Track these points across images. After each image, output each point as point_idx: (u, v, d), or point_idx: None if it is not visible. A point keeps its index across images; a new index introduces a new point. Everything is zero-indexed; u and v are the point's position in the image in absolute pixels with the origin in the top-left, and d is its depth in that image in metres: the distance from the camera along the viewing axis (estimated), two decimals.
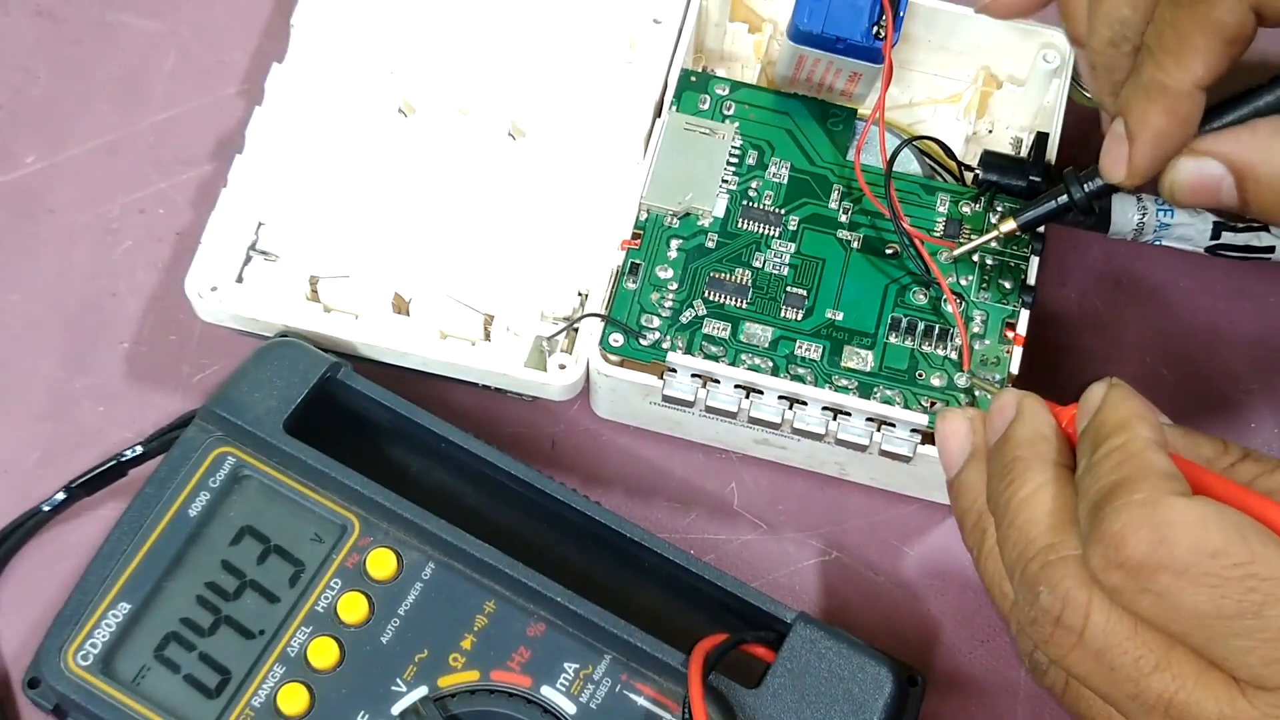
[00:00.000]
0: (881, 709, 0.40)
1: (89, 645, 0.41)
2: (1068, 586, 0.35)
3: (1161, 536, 0.33)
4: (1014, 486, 0.37)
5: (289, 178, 0.48)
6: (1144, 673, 0.34)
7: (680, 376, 0.44)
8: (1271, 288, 0.50)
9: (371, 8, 0.50)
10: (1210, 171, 0.40)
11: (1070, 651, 0.35)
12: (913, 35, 0.49)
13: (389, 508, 0.42)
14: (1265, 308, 0.50)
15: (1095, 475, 0.35)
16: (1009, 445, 0.38)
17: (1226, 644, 0.33)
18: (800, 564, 0.46)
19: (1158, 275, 0.50)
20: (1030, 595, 0.35)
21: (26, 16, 0.53)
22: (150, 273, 0.49)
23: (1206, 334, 0.49)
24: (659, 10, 0.49)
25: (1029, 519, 0.36)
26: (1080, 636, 0.35)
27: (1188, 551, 0.33)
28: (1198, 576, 0.33)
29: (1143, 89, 0.40)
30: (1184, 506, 0.34)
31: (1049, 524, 0.36)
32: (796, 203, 0.47)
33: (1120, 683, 0.35)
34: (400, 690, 0.41)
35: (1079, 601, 0.35)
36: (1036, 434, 0.38)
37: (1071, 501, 0.36)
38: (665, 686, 0.41)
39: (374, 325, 0.46)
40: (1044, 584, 0.35)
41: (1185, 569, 0.33)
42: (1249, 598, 0.33)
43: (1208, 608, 0.33)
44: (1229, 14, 0.38)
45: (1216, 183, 0.40)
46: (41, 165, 0.51)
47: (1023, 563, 0.36)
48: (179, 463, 0.43)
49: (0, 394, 0.48)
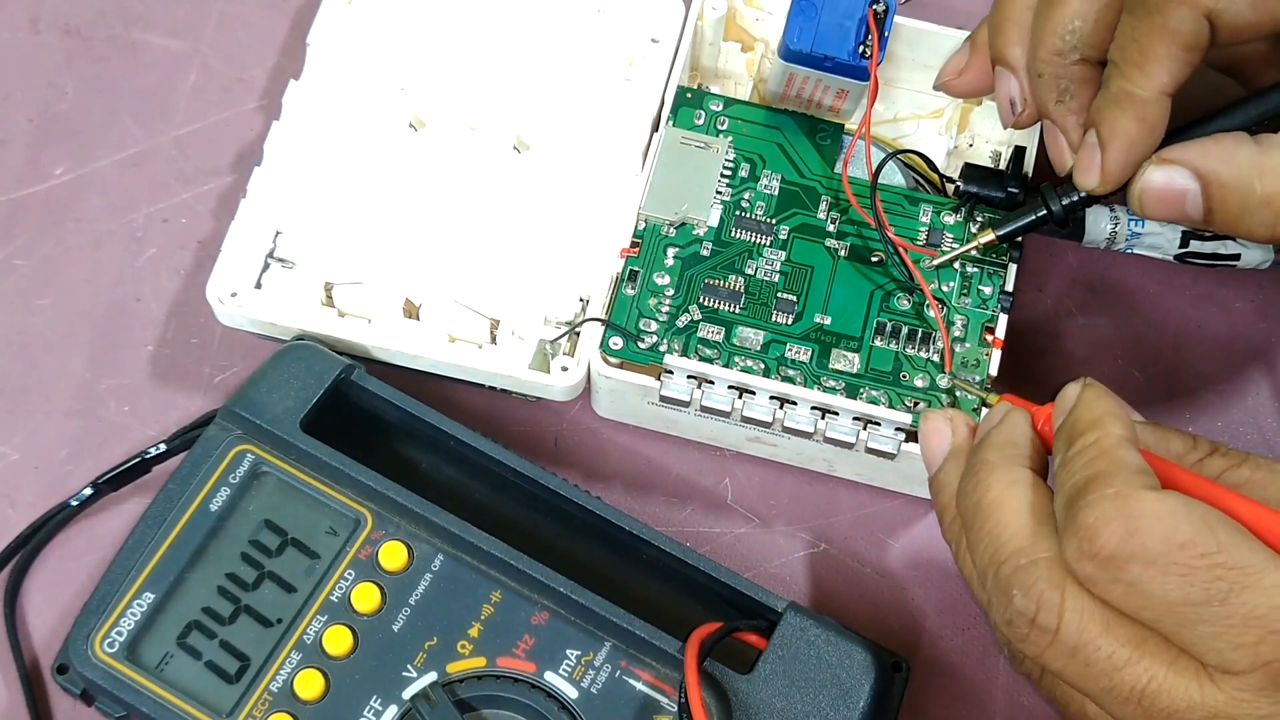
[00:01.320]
0: (867, 694, 0.40)
1: (115, 633, 0.41)
2: (1041, 589, 0.35)
3: (1133, 528, 0.33)
4: (981, 489, 0.37)
5: (305, 189, 0.48)
6: (1117, 667, 0.34)
7: (677, 378, 0.44)
8: (1237, 293, 0.50)
9: (384, 28, 0.50)
10: (1177, 180, 0.40)
11: (1046, 650, 0.35)
12: (897, 55, 0.49)
13: (400, 502, 0.42)
14: (1231, 312, 0.50)
15: (1070, 471, 0.35)
16: (979, 449, 0.38)
17: (1195, 630, 0.33)
18: (790, 556, 0.46)
19: (1129, 281, 0.50)
20: (1004, 598, 0.35)
21: (55, 35, 0.53)
22: (173, 279, 0.49)
23: (1175, 337, 0.49)
24: (657, 30, 0.49)
25: (998, 523, 0.36)
26: (1055, 636, 0.35)
27: (1158, 542, 0.33)
28: (1167, 566, 0.33)
29: (1112, 99, 0.40)
30: (1154, 500, 0.34)
31: (1018, 527, 0.36)
32: (787, 213, 0.47)
33: (1095, 677, 0.35)
34: (411, 676, 0.41)
35: (1052, 603, 0.35)
36: (1007, 439, 0.38)
37: (1039, 504, 0.36)
38: (663, 672, 0.41)
39: (386, 329, 0.46)
40: (1017, 587, 0.35)
41: (1155, 559, 0.33)
42: (1215, 586, 0.33)
43: (1177, 596, 0.33)
44: (1185, 23, 0.38)
45: (1182, 192, 0.40)
46: (70, 177, 0.51)
47: (995, 565, 0.36)
48: (201, 460, 0.43)
49: (31, 393, 0.48)
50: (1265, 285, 0.50)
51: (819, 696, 0.40)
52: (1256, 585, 0.33)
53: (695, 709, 0.38)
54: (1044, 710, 0.44)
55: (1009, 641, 0.37)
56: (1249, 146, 0.40)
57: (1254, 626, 0.33)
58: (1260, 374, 0.49)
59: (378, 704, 0.40)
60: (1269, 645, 0.33)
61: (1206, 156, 0.40)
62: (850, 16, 0.45)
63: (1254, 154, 0.40)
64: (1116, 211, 0.47)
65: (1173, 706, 0.34)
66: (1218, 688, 0.34)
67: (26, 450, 0.47)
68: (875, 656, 0.41)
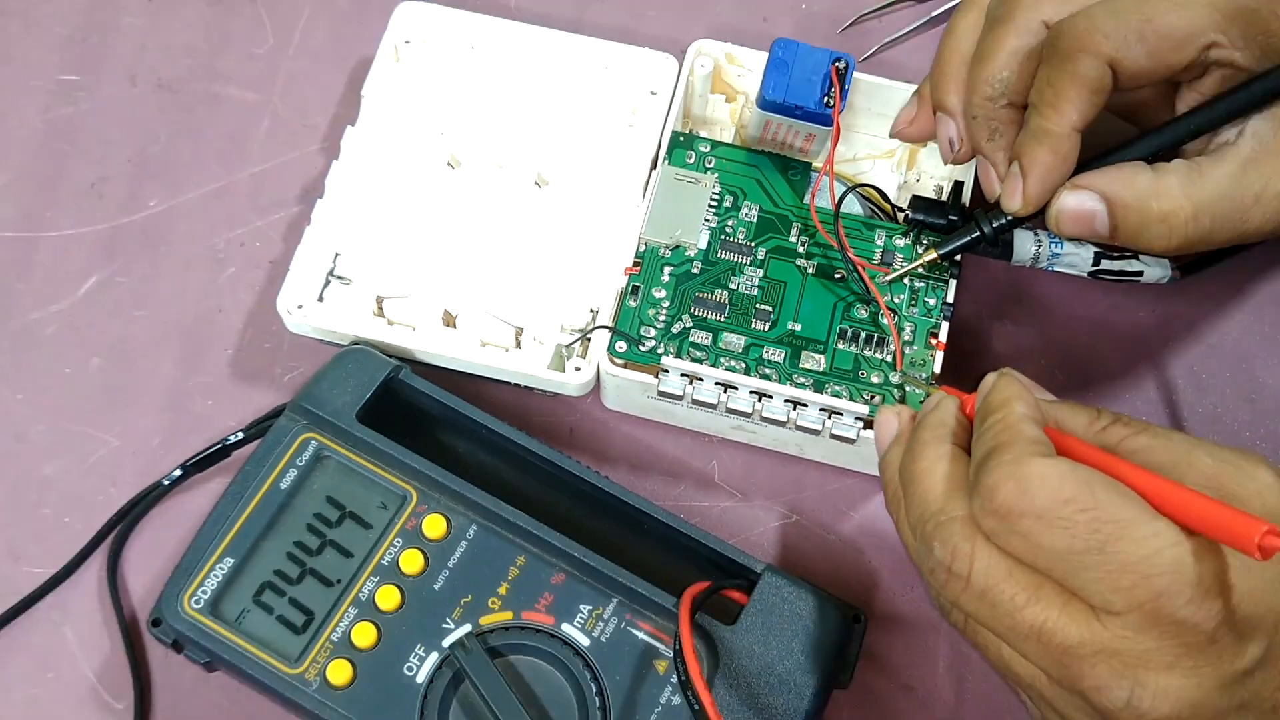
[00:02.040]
0: (832, 641, 0.40)
1: (200, 592, 0.41)
2: (955, 542, 0.34)
3: (1024, 488, 0.33)
4: (916, 462, 0.37)
5: (360, 217, 0.47)
6: (1019, 607, 0.34)
7: (672, 376, 0.44)
8: (1140, 304, 0.50)
9: (426, 82, 0.50)
10: (1086, 202, 0.40)
11: (961, 594, 0.35)
12: (856, 104, 0.48)
13: (441, 481, 0.42)
14: (1135, 320, 0.49)
15: (981, 443, 0.35)
16: (917, 430, 0.38)
17: (1080, 576, 0.33)
18: (767, 525, 0.46)
19: (1051, 294, 0.49)
20: (927, 549, 0.35)
21: (150, 89, 0.52)
22: (249, 293, 0.49)
23: (1089, 341, 0.49)
24: (654, 84, 0.49)
25: (926, 488, 0.36)
26: (967, 581, 0.34)
27: (1044, 499, 0.33)
28: (1053, 520, 0.33)
29: (1032, 135, 0.40)
30: (1043, 464, 0.33)
31: (940, 491, 0.35)
32: (764, 237, 0.46)
33: (1000, 617, 0.34)
34: (450, 627, 0.40)
35: (964, 552, 0.34)
36: (939, 420, 0.38)
37: (958, 472, 0.36)
38: (660, 624, 0.40)
39: (428, 336, 0.45)
40: (937, 540, 0.35)
41: (1043, 514, 0.33)
42: (1094, 537, 0.32)
43: (1062, 545, 0.33)
44: (1092, 70, 0.39)
45: (1092, 213, 0.40)
46: (162, 208, 0.50)
47: (921, 523, 0.36)
48: (272, 446, 0.42)
49: (130, 391, 0.47)
50: (1164, 297, 0.50)
51: (791, 643, 0.40)
52: (1129, 536, 0.32)
53: (688, 654, 0.38)
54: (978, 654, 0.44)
55: (936, 593, 0.36)
56: (1146, 173, 0.40)
57: (1129, 572, 0.32)
58: (1158, 371, 0.49)
59: (421, 651, 0.40)
60: (1143, 589, 0.32)
61: (1111, 182, 0.40)
62: (816, 72, 0.44)
63: (1151, 179, 0.40)
64: (1039, 235, 0.47)
65: (1067, 643, 0.33)
66: (1103, 626, 0.33)
67: (126, 438, 0.47)
68: (838, 609, 0.40)
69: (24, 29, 0.53)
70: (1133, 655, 0.33)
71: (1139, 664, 0.33)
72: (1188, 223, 0.40)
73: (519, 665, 0.40)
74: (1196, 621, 0.32)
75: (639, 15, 0.54)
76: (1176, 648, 0.32)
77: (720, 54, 0.48)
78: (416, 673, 0.40)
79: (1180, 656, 0.32)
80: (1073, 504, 0.33)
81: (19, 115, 0.52)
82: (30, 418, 0.47)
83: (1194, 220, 0.40)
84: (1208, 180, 0.40)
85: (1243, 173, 0.40)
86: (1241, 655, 0.33)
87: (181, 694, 0.43)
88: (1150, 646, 0.33)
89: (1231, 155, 0.40)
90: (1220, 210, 0.40)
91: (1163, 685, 0.33)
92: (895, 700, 0.44)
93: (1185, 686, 0.33)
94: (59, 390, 0.47)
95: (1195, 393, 0.48)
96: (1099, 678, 0.33)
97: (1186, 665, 0.32)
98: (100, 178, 0.51)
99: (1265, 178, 0.40)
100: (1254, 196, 0.40)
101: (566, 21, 0.52)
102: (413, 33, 0.50)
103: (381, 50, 0.49)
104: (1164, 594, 0.32)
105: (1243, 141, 0.40)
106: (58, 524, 0.45)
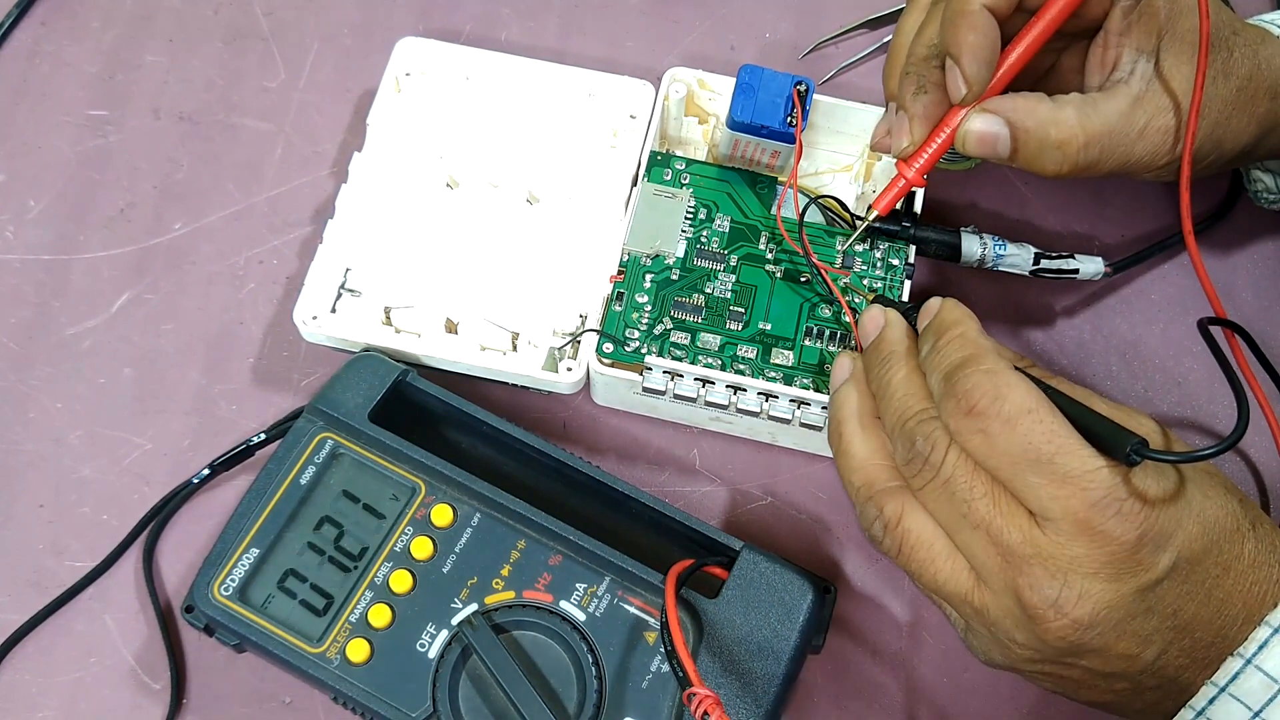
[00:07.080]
0: (805, 611, 0.40)
1: (229, 580, 0.40)
2: (936, 435, 0.35)
3: (998, 394, 0.34)
4: (890, 372, 0.37)
5: (368, 235, 0.47)
6: (975, 497, 0.34)
7: (655, 373, 0.43)
8: (1075, 298, 0.50)
9: (426, 111, 0.49)
10: (992, 125, 0.40)
11: (929, 482, 0.35)
12: (816, 123, 0.48)
13: (447, 474, 0.42)
14: (1070, 311, 0.49)
15: (944, 355, 0.36)
16: (884, 344, 0.38)
17: (1024, 479, 0.34)
18: (745, 507, 0.46)
19: (995, 291, 0.50)
20: (908, 443, 0.36)
21: (172, 121, 0.52)
22: (268, 306, 0.49)
23: (1030, 331, 0.49)
24: (634, 109, 0.49)
25: (906, 393, 0.37)
26: (938, 471, 0.35)
27: (1013, 407, 0.34)
28: (1015, 425, 0.34)
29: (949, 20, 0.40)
30: (1016, 376, 0.35)
31: (921, 394, 0.36)
32: (735, 245, 0.46)
33: (956, 504, 0.35)
34: (457, 607, 0.40)
35: (942, 444, 0.35)
36: (901, 336, 0.38)
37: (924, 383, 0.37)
38: (649, 599, 0.40)
39: (432, 342, 0.45)
40: (919, 434, 0.35)
41: (1009, 419, 0.34)
42: (1045, 448, 0.33)
43: (1017, 450, 0.34)
44: None
45: (995, 136, 0.40)
46: (186, 230, 0.50)
47: (902, 422, 0.36)
48: (292, 445, 0.42)
49: (160, 397, 0.47)
50: (1097, 292, 0.50)
51: (769, 614, 0.40)
52: (1073, 453, 0.33)
53: (673, 626, 0.37)
54: (937, 618, 0.44)
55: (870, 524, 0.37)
56: (1047, 103, 0.40)
57: (1068, 484, 0.33)
58: (1092, 356, 0.49)
59: (432, 629, 0.40)
60: (1078, 500, 0.33)
61: (1015, 109, 0.40)
62: (780, 95, 0.44)
63: (1050, 109, 0.40)
64: (985, 239, 0.47)
65: (1009, 541, 0.34)
66: (1041, 531, 0.34)
67: (157, 441, 0.46)
68: (810, 582, 0.40)
69: (55, 69, 0.53)
70: (1064, 559, 0.33)
71: (1069, 568, 0.34)
72: (1079, 151, 0.40)
73: (522, 640, 0.40)
74: (1121, 533, 0.33)
75: (618, 46, 0.53)
76: (1102, 555, 0.33)
77: (692, 80, 0.48)
78: (428, 649, 0.40)
79: (1104, 564, 0.33)
80: (1033, 415, 0.34)
81: (52, 148, 0.51)
82: (69, 424, 0.47)
83: (1085, 149, 0.40)
84: (1100, 113, 0.40)
85: (1131, 109, 0.40)
86: (1155, 566, 0.34)
87: (214, 674, 0.43)
88: (1079, 553, 0.33)
89: (1123, 92, 0.40)
90: (1109, 142, 0.40)
91: (1087, 588, 0.34)
92: (862, 663, 0.44)
93: (1106, 590, 0.34)
94: (95, 399, 0.47)
95: (1128, 378, 0.48)
96: (1033, 576, 0.34)
97: (1109, 572, 0.33)
98: (128, 204, 0.50)
99: (1149, 114, 0.40)
100: (1138, 131, 0.40)
101: (552, 53, 0.52)
102: (413, 66, 0.50)
103: (384, 82, 0.49)
104: (1095, 506, 0.33)
105: (1134, 80, 0.41)
106: (96, 521, 0.45)
